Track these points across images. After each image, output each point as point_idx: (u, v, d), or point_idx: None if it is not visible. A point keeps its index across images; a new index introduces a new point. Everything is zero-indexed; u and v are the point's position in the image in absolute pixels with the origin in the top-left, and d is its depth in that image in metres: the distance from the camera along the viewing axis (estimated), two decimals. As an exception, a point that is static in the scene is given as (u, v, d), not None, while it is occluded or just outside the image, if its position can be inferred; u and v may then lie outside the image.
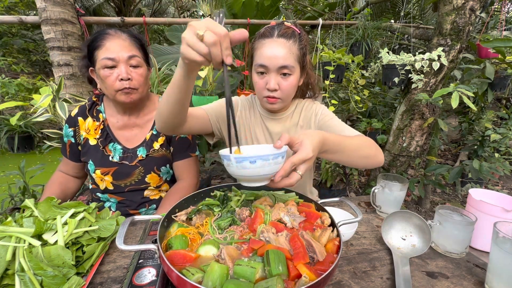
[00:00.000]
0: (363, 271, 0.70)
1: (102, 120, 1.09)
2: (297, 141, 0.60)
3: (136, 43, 1.01)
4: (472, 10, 1.85)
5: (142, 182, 1.11)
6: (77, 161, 1.14)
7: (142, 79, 1.01)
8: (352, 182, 2.78)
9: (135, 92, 1.00)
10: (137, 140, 1.11)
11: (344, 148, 0.74)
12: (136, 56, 0.99)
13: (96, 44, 0.96)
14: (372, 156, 0.82)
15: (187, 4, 9.51)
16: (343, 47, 2.29)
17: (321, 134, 0.65)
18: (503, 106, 3.16)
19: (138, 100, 1.04)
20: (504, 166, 1.99)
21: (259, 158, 0.53)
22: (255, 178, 0.57)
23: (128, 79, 0.96)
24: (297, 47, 0.90)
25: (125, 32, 1.00)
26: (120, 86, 0.96)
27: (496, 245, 0.62)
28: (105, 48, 0.94)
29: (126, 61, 0.96)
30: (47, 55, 6.22)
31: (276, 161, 0.56)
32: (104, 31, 0.97)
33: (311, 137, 0.61)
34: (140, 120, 1.12)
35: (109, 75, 0.95)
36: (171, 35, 3.39)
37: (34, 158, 4.13)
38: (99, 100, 1.13)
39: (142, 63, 1.02)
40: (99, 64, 0.95)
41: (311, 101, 1.09)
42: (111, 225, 0.75)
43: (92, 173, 1.08)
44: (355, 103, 2.29)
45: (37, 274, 0.56)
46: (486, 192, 0.90)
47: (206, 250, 0.57)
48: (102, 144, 1.07)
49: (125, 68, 0.96)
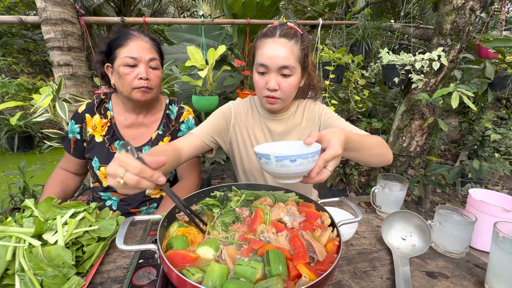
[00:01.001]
0: (363, 271, 0.70)
1: (109, 117, 1.11)
2: (325, 138, 0.61)
3: (155, 47, 1.06)
4: (472, 10, 1.85)
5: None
6: (80, 158, 1.14)
7: (158, 81, 1.06)
8: (352, 182, 2.78)
9: (150, 92, 1.04)
10: (143, 139, 1.13)
11: (362, 146, 0.77)
12: (156, 59, 1.04)
13: (119, 42, 0.99)
14: (384, 154, 0.87)
15: (187, 4, 9.52)
16: (343, 47, 2.29)
17: (344, 132, 0.66)
18: (503, 106, 3.16)
19: (150, 100, 1.07)
20: (504, 166, 1.99)
21: (299, 157, 0.55)
22: (292, 175, 0.59)
23: (146, 79, 1.00)
24: (298, 48, 0.89)
25: (147, 36, 1.06)
26: (138, 84, 1.00)
27: (496, 245, 0.62)
28: (129, 48, 0.99)
29: (147, 62, 1.01)
30: (47, 55, 6.23)
31: (313, 159, 0.57)
32: (128, 32, 1.02)
33: (338, 135, 0.62)
34: (147, 120, 1.15)
35: (129, 73, 0.99)
36: (171, 35, 3.39)
37: (34, 158, 4.14)
38: (107, 97, 1.15)
39: (159, 66, 1.07)
40: (120, 61, 0.98)
41: (312, 102, 1.09)
42: (111, 225, 0.75)
43: (97, 170, 1.09)
44: (355, 103, 2.29)
45: (37, 274, 0.56)
46: (486, 192, 0.90)
47: (206, 250, 0.57)
48: (108, 141, 1.09)
49: (145, 68, 1.00)
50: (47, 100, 1.46)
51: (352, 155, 0.78)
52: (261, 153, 0.58)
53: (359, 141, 0.75)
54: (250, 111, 1.09)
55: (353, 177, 2.72)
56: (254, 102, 1.10)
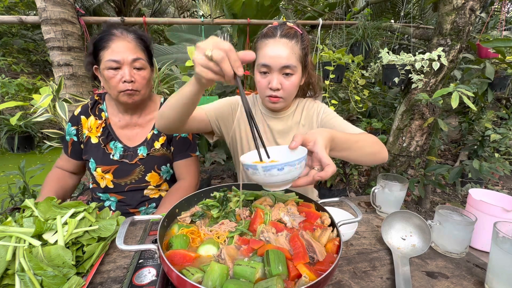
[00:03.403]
0: (363, 271, 0.70)
1: (104, 118, 1.10)
2: (310, 140, 0.61)
3: (141, 45, 1.02)
4: (472, 10, 1.85)
5: (142, 180, 1.11)
6: (78, 159, 1.14)
7: (144, 82, 1.03)
8: (352, 182, 2.78)
9: (137, 94, 1.02)
10: (138, 139, 1.12)
11: (351, 145, 0.76)
12: (140, 58, 1.00)
13: (102, 44, 0.97)
14: (377, 152, 0.85)
15: (187, 4, 9.52)
16: (343, 47, 2.29)
17: (330, 132, 0.66)
18: (503, 106, 3.16)
19: (139, 101, 1.06)
20: (504, 166, 1.99)
21: (287, 164, 0.55)
22: (281, 183, 0.59)
23: (131, 81, 0.98)
24: (299, 47, 0.91)
25: (131, 33, 1.01)
26: (123, 87, 0.98)
27: (496, 245, 0.62)
28: (111, 50, 0.96)
29: (130, 63, 0.97)
30: (47, 55, 6.22)
31: (301, 164, 0.57)
32: (110, 31, 0.98)
33: (322, 135, 0.62)
34: (142, 120, 1.14)
35: (113, 76, 0.97)
36: (171, 35, 3.39)
37: (34, 158, 4.13)
38: (101, 99, 1.14)
39: (145, 65, 1.03)
40: (103, 65, 0.97)
41: (312, 100, 1.10)
42: (111, 225, 0.75)
43: (93, 171, 1.08)
44: (355, 103, 2.29)
45: (37, 274, 0.56)
46: (486, 192, 0.90)
47: (206, 250, 0.57)
48: (103, 142, 1.08)
49: (129, 71, 0.97)
50: (47, 100, 1.46)
51: (341, 155, 0.76)
52: (247, 164, 0.58)
53: (347, 140, 0.74)
54: (253, 108, 1.10)
55: (353, 177, 2.72)
56: (256, 100, 1.12)
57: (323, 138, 0.61)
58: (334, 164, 0.58)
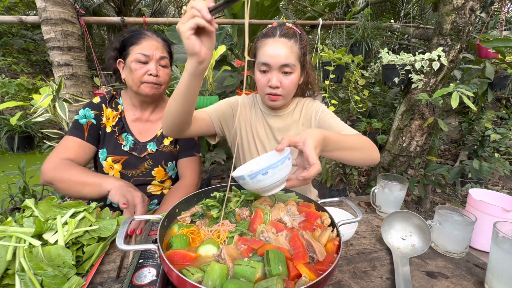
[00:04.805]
0: (363, 271, 0.70)
1: (120, 110, 1.16)
2: (300, 141, 0.61)
3: (166, 47, 1.13)
4: (472, 10, 1.85)
5: (149, 174, 1.15)
6: (94, 144, 1.10)
7: (167, 78, 1.13)
8: (352, 182, 2.78)
9: (158, 88, 1.10)
10: (149, 134, 1.17)
11: (342, 146, 0.76)
12: (166, 58, 1.11)
13: (133, 40, 1.06)
14: (368, 153, 0.86)
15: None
16: (343, 47, 2.29)
17: (321, 132, 0.67)
18: (503, 106, 3.15)
19: (157, 95, 1.13)
20: (504, 166, 1.99)
21: (269, 167, 0.56)
22: (271, 186, 0.60)
23: (156, 75, 1.06)
24: (298, 47, 0.93)
25: (159, 36, 1.13)
26: (148, 79, 1.06)
27: (496, 245, 0.62)
28: (141, 46, 1.05)
29: (157, 60, 1.07)
30: (47, 55, 6.22)
31: (285, 164, 0.58)
32: (143, 31, 1.10)
33: (313, 136, 0.63)
34: (153, 117, 1.20)
35: (140, 68, 1.05)
36: (171, 35, 3.38)
37: (34, 158, 4.13)
38: (117, 94, 1.20)
39: (168, 64, 1.13)
40: (132, 58, 1.05)
41: (311, 100, 1.12)
42: (112, 225, 0.75)
43: (103, 160, 1.10)
44: (355, 103, 2.29)
45: (37, 274, 0.56)
46: (486, 192, 0.90)
47: (206, 250, 0.57)
48: (118, 131, 1.12)
49: (155, 66, 1.06)
50: (47, 100, 1.46)
51: (332, 155, 0.76)
52: (237, 176, 0.59)
53: (339, 140, 0.75)
54: (253, 107, 1.13)
55: (353, 177, 2.72)
56: (256, 99, 1.14)
57: (313, 138, 0.62)
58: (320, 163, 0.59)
